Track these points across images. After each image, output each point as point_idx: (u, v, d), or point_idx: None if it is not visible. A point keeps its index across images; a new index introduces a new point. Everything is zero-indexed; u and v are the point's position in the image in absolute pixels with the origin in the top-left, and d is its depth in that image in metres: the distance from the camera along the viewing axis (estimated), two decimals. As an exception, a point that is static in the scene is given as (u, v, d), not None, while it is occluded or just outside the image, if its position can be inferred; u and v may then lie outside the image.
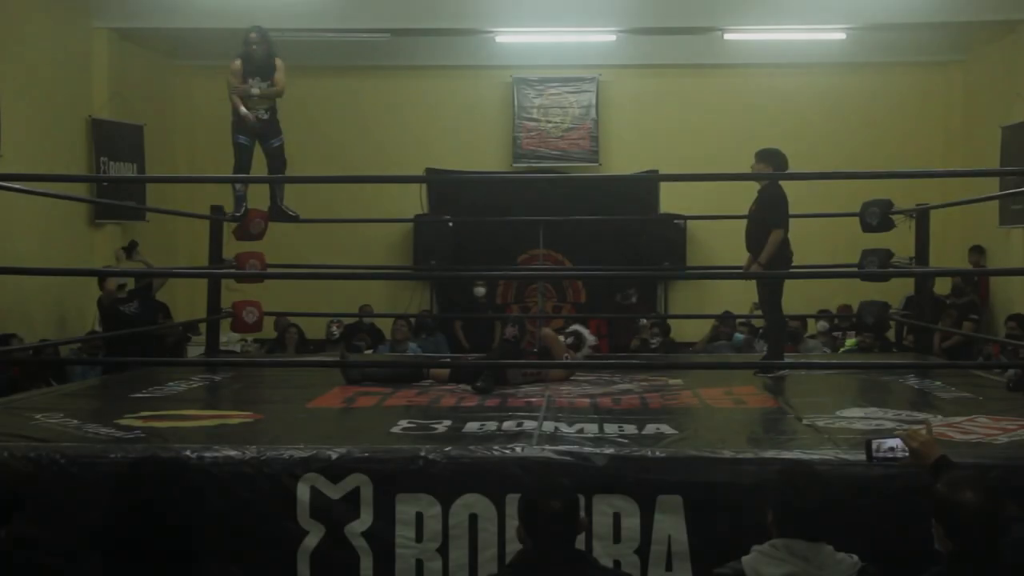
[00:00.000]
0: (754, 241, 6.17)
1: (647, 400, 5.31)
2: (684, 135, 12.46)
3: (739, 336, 10.51)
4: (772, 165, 6.14)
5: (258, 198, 7.64)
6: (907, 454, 3.24)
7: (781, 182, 6.20)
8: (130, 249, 8.78)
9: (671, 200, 11.72)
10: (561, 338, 6.52)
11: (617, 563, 3.57)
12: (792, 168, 6.31)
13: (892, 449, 3.27)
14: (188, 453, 3.74)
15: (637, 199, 11.92)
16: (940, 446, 3.29)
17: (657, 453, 3.78)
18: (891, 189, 8.54)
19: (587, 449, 3.80)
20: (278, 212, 7.51)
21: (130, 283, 8.77)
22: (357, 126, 12.70)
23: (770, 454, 3.77)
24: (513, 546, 3.33)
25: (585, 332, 6.66)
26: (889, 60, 12.41)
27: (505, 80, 12.76)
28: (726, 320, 10.51)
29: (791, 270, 6.42)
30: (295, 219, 7.65)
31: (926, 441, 3.24)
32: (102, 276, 8.45)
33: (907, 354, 8.43)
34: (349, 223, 10.71)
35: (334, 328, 10.54)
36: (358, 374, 5.98)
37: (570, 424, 4.37)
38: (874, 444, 3.30)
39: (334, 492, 3.70)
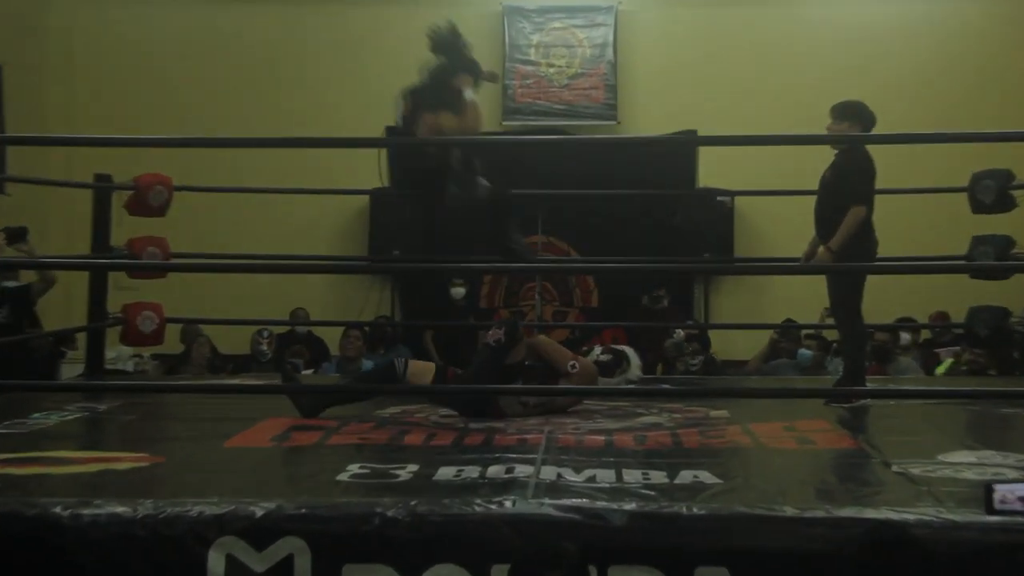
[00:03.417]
0: (826, 221, 6.20)
1: (681, 438, 5.32)
2: (729, 84, 12.52)
3: (805, 353, 10.53)
4: (857, 123, 6.17)
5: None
6: (1043, 506, 3.24)
7: (868, 146, 6.18)
8: (17, 235, 8.51)
9: (713, 171, 11.73)
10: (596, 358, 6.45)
11: (641, 658, 3.55)
12: (878, 129, 6.30)
13: (1023, 499, 3.26)
14: (59, 510, 3.71)
15: (668, 169, 11.91)
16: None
17: (695, 510, 3.76)
18: (1011, 156, 8.53)
19: (600, 504, 3.78)
20: None
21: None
22: (298, 71, 12.71)
23: (848, 512, 3.74)
24: (500, 636, 3.31)
25: (631, 353, 6.54)
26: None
27: (493, 9, 12.81)
28: (788, 332, 10.52)
29: (876, 263, 6.41)
30: None
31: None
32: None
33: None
34: (283, 195, 10.65)
35: (264, 344, 10.48)
36: (315, 402, 5.88)
37: (578, 470, 4.35)
38: (997, 492, 3.28)
39: (258, 563, 3.67)
